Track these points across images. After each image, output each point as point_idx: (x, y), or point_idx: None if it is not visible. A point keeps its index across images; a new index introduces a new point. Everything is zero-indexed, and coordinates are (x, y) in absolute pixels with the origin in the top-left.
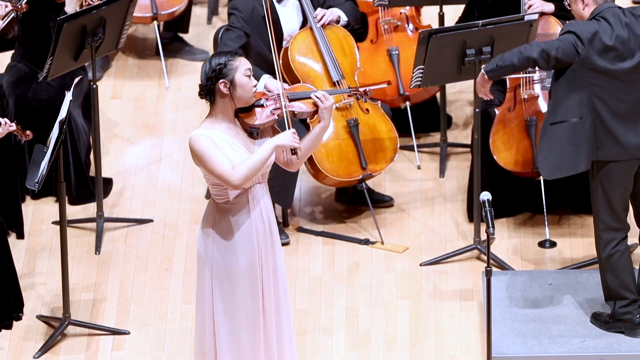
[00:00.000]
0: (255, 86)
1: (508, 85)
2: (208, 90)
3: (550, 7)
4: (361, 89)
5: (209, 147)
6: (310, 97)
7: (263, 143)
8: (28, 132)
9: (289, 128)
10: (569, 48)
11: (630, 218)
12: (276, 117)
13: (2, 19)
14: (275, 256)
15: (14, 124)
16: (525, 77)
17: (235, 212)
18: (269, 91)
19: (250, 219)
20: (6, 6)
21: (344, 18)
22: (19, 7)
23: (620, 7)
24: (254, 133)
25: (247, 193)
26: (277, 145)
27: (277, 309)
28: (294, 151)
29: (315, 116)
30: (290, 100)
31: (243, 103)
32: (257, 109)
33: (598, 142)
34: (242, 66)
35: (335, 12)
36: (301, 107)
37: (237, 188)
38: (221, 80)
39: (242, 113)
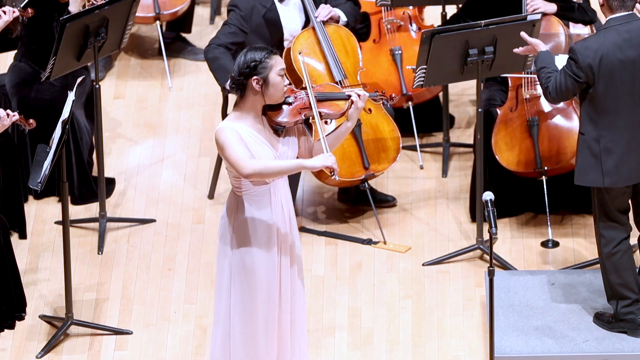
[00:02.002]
0: (286, 85)
1: (510, 85)
2: (239, 85)
3: (552, 8)
4: (388, 95)
5: (233, 138)
6: (339, 99)
7: (287, 140)
8: (31, 120)
9: (319, 127)
10: None
11: (630, 219)
12: (303, 116)
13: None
14: (294, 254)
15: (16, 113)
16: (527, 77)
17: (256, 205)
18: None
19: (271, 214)
20: (13, 12)
21: (343, 18)
22: (26, 12)
23: None
24: (279, 130)
25: (268, 187)
26: (305, 166)
27: (293, 306)
28: (332, 173)
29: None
30: (319, 101)
31: (273, 101)
32: (285, 107)
33: None
34: (277, 65)
35: (336, 12)
36: (329, 110)
37: (244, 176)
38: (254, 77)
39: (270, 110)
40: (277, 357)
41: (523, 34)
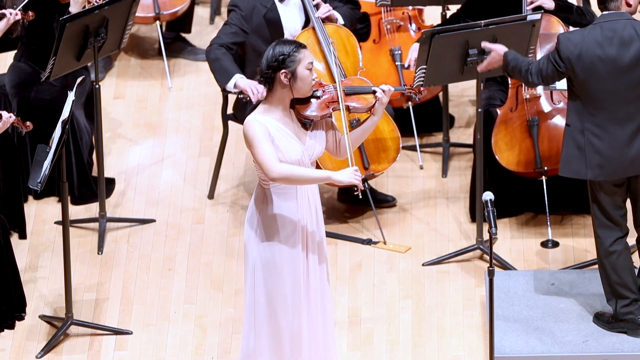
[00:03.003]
0: (314, 79)
1: (510, 84)
2: (268, 78)
3: (550, 4)
4: (416, 89)
5: (261, 134)
6: (367, 92)
7: (315, 134)
8: (28, 122)
9: (344, 123)
10: None
11: (629, 221)
12: (331, 110)
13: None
14: (321, 247)
15: (13, 115)
16: None
17: (283, 198)
18: (243, 91)
19: (297, 207)
20: (16, 14)
21: (340, 21)
22: (27, 14)
23: None
24: (307, 124)
25: None
26: (332, 179)
27: (323, 306)
28: (356, 190)
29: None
30: (347, 95)
31: (301, 95)
32: (313, 101)
33: None
34: (305, 59)
35: (334, 13)
36: (356, 104)
37: (271, 179)
38: (283, 71)
39: (298, 103)
40: (307, 350)
41: (484, 43)
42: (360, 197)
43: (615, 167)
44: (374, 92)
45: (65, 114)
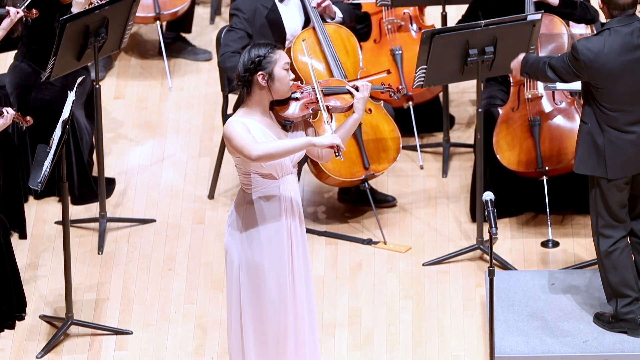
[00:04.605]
0: (292, 80)
1: (512, 84)
2: (245, 81)
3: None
4: (395, 87)
5: (241, 130)
6: (344, 92)
7: (295, 135)
8: (28, 117)
9: (326, 122)
10: None
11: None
12: (310, 111)
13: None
14: (305, 250)
15: (13, 110)
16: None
17: (265, 202)
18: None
19: (280, 210)
20: (17, 12)
21: (339, 14)
22: (30, 12)
23: None
24: (287, 125)
25: (278, 183)
26: (312, 143)
27: (309, 306)
28: (337, 152)
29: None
30: (325, 95)
31: (279, 96)
32: (292, 102)
33: None
34: (281, 59)
35: (332, 6)
36: (335, 102)
37: (253, 159)
38: (260, 73)
39: (277, 105)
40: (295, 356)
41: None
42: (342, 159)
43: (635, 165)
44: (351, 91)
45: (65, 114)
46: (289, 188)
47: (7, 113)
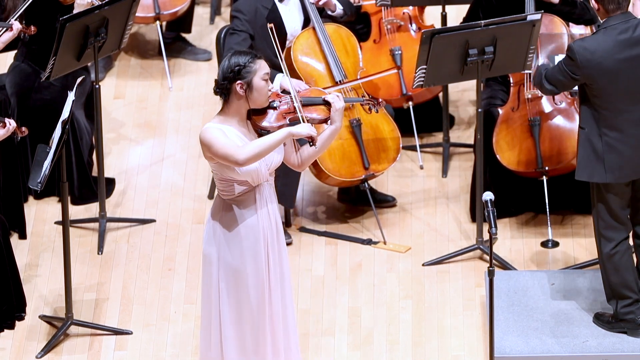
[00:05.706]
0: (270, 90)
1: (512, 84)
2: (224, 89)
3: None
4: (375, 99)
5: (218, 135)
6: (320, 103)
7: None
8: (23, 128)
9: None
10: None
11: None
12: (287, 121)
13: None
14: (281, 257)
15: (12, 121)
16: (528, 74)
17: (242, 209)
18: (284, 91)
19: (257, 217)
20: (18, 28)
21: (339, 7)
22: (29, 29)
23: None
24: (263, 134)
25: (254, 191)
26: (291, 132)
27: (284, 309)
28: (311, 142)
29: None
30: (303, 105)
31: (257, 105)
32: (270, 111)
33: None
34: (261, 70)
35: (333, 0)
36: (313, 114)
37: (240, 163)
38: (238, 82)
39: (255, 114)
40: (271, 357)
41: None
42: (316, 148)
43: (634, 167)
44: (326, 102)
45: (65, 114)
46: (264, 195)
47: (10, 125)
